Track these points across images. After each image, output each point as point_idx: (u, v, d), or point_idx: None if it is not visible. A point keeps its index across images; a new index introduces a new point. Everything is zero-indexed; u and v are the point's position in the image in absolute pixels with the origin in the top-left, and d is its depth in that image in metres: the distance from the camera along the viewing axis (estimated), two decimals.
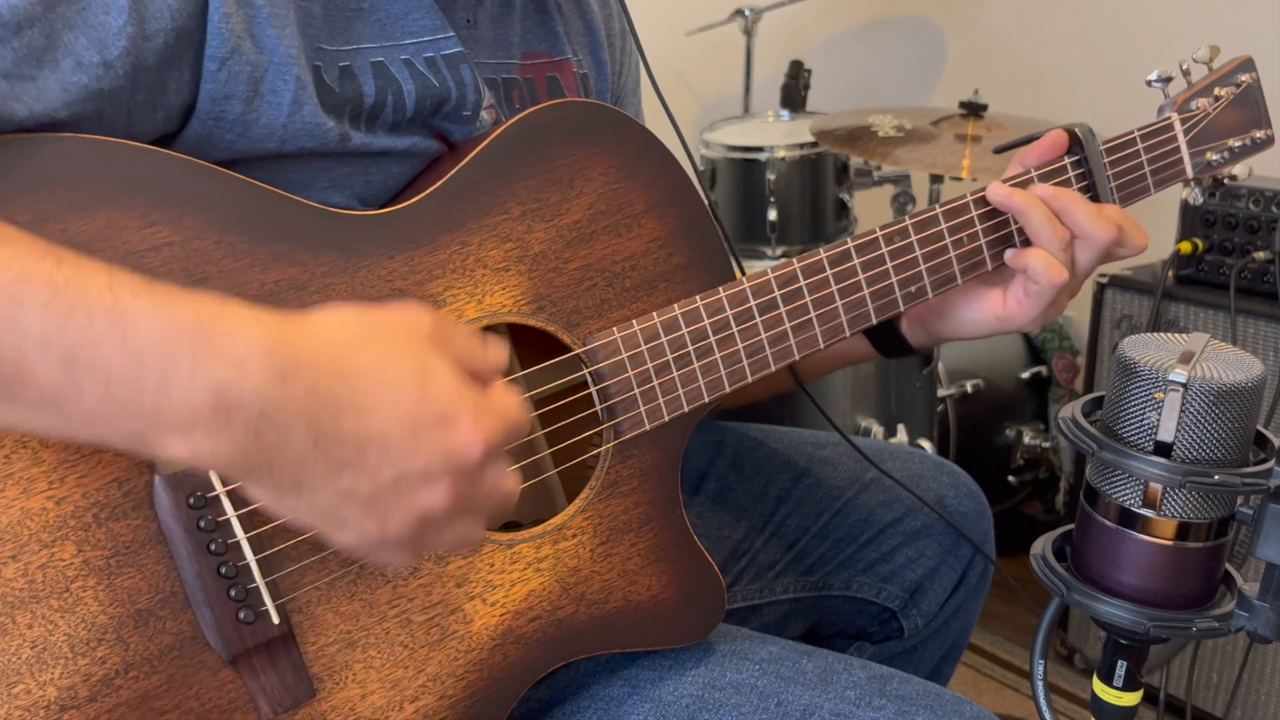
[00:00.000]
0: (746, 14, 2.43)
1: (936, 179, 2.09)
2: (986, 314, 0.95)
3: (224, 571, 0.67)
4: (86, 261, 0.57)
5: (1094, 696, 0.77)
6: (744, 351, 0.85)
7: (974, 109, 1.98)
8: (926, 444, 1.90)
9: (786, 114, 2.31)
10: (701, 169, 2.15)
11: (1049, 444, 2.22)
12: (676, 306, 0.83)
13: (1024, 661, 2.03)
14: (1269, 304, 1.64)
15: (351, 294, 0.72)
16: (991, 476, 2.23)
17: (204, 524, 0.66)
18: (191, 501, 0.66)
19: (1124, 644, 0.75)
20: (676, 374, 0.83)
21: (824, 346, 0.88)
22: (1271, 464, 0.67)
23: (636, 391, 0.82)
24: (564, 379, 0.83)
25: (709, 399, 0.84)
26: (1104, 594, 0.72)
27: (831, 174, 2.09)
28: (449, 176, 0.76)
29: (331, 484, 0.59)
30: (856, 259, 0.89)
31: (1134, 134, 0.99)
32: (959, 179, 1.84)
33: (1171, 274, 1.76)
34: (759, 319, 0.86)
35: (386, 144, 0.79)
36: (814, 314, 0.88)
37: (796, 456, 1.18)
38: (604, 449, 0.82)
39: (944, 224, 0.92)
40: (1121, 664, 0.75)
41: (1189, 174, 1.02)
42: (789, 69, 2.42)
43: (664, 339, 0.82)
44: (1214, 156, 1.03)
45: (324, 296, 0.71)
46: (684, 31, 2.46)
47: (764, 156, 2.05)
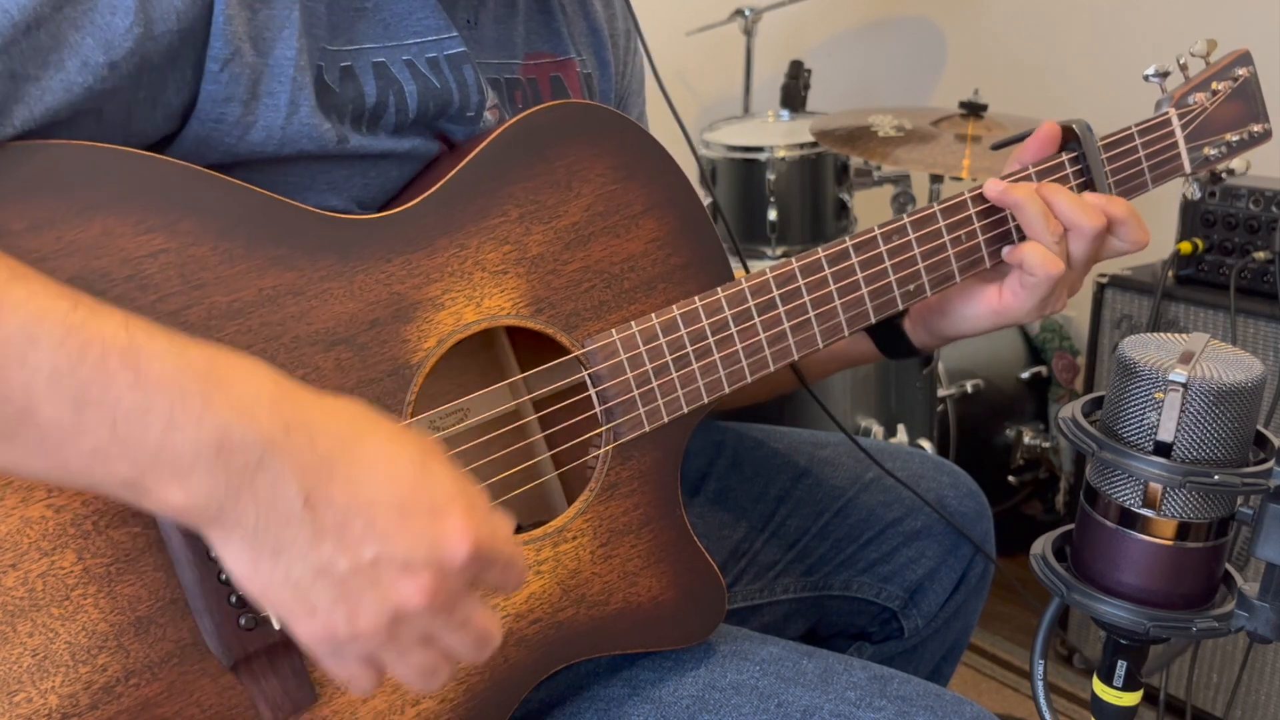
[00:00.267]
0: (746, 14, 2.43)
1: (936, 179, 2.09)
2: (984, 308, 0.95)
3: (224, 578, 0.67)
4: (102, 304, 0.58)
5: (1094, 696, 0.77)
6: (743, 352, 0.85)
7: (974, 109, 1.98)
8: (926, 444, 1.90)
9: (786, 114, 2.31)
10: (703, 168, 2.15)
11: (1049, 444, 2.22)
12: (675, 308, 0.83)
13: (1024, 661, 2.03)
14: (1269, 304, 1.64)
15: (349, 297, 0.72)
16: (991, 476, 2.23)
17: None
18: None
19: (1124, 644, 0.75)
20: (675, 375, 0.83)
21: (823, 346, 0.88)
22: (1271, 464, 0.67)
23: (636, 393, 0.82)
24: (563, 381, 0.83)
25: (708, 400, 0.84)
26: (1104, 594, 0.72)
27: (831, 174, 2.09)
28: (447, 179, 0.76)
29: (311, 554, 0.58)
30: (855, 258, 0.89)
31: (1131, 130, 0.99)
32: (959, 179, 1.84)
33: (1171, 274, 1.75)
34: (757, 319, 0.85)
35: (387, 146, 0.78)
36: (812, 314, 0.87)
37: (796, 457, 1.18)
38: (603, 451, 0.82)
39: (942, 222, 0.92)
40: (1121, 664, 0.75)
41: (1187, 169, 1.02)
42: (789, 69, 2.41)
43: (663, 340, 0.82)
44: (1212, 151, 1.02)
45: (321, 300, 0.71)
46: (684, 31, 2.46)
47: (764, 156, 2.05)
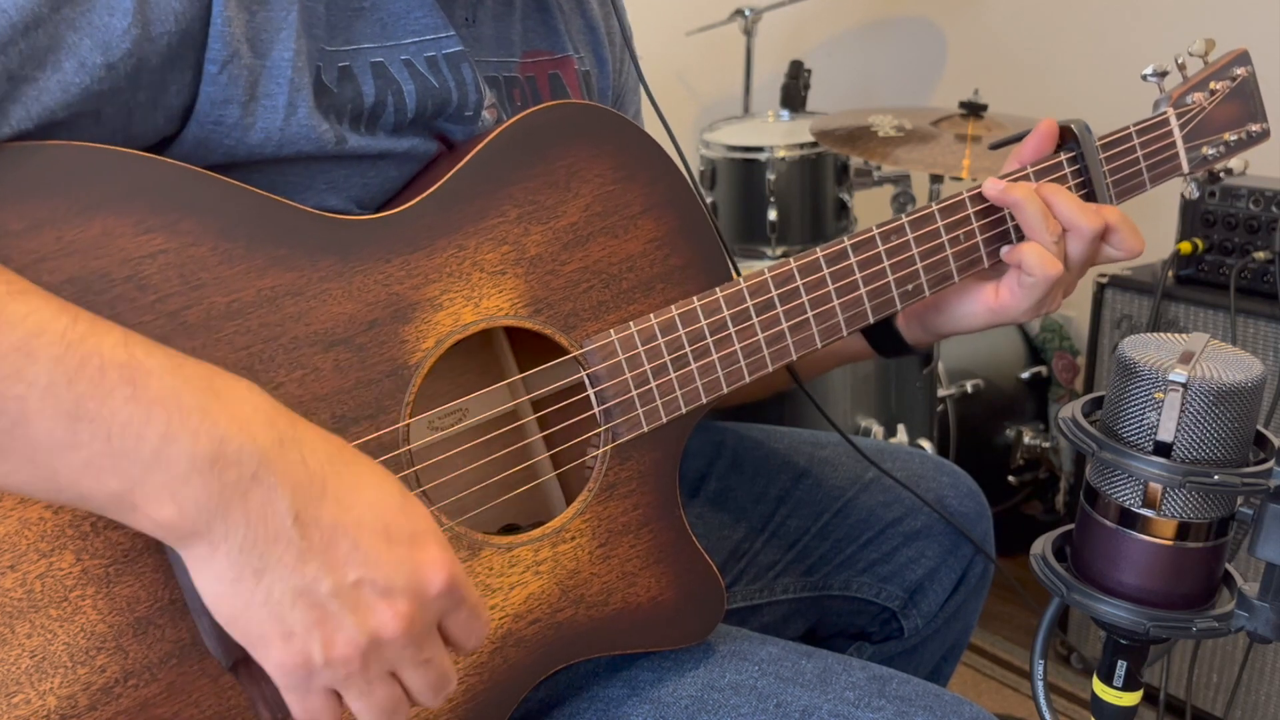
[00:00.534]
0: (746, 14, 2.43)
1: (936, 179, 2.09)
2: (980, 307, 0.95)
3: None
4: (101, 321, 0.59)
5: (1094, 696, 0.77)
6: (741, 352, 0.85)
7: (974, 109, 1.98)
8: (926, 444, 1.90)
9: (786, 114, 2.31)
10: (701, 169, 2.15)
11: (1049, 444, 2.22)
12: (674, 308, 0.83)
13: (1024, 661, 2.03)
14: (1269, 304, 1.64)
15: (348, 298, 0.72)
16: (991, 476, 2.23)
17: None
18: None
19: (1124, 644, 0.74)
20: (674, 375, 0.83)
21: (821, 346, 0.88)
22: (1271, 464, 0.67)
23: (634, 393, 0.82)
24: (562, 381, 0.83)
25: (707, 400, 0.84)
26: (1104, 594, 0.72)
27: (831, 174, 2.09)
28: (446, 179, 0.76)
29: (295, 574, 0.59)
30: (853, 258, 0.88)
31: (1130, 129, 0.99)
32: (959, 179, 1.84)
33: (1171, 274, 1.75)
34: (756, 319, 0.85)
35: (386, 146, 0.78)
36: (811, 314, 0.87)
37: (796, 457, 1.18)
38: (602, 451, 0.82)
39: (940, 221, 0.92)
40: (1121, 664, 0.75)
41: (1185, 169, 1.02)
42: (789, 69, 2.42)
43: (661, 340, 0.82)
44: (1210, 151, 1.02)
45: (320, 301, 0.71)
46: (684, 31, 2.46)
47: (764, 156, 2.05)
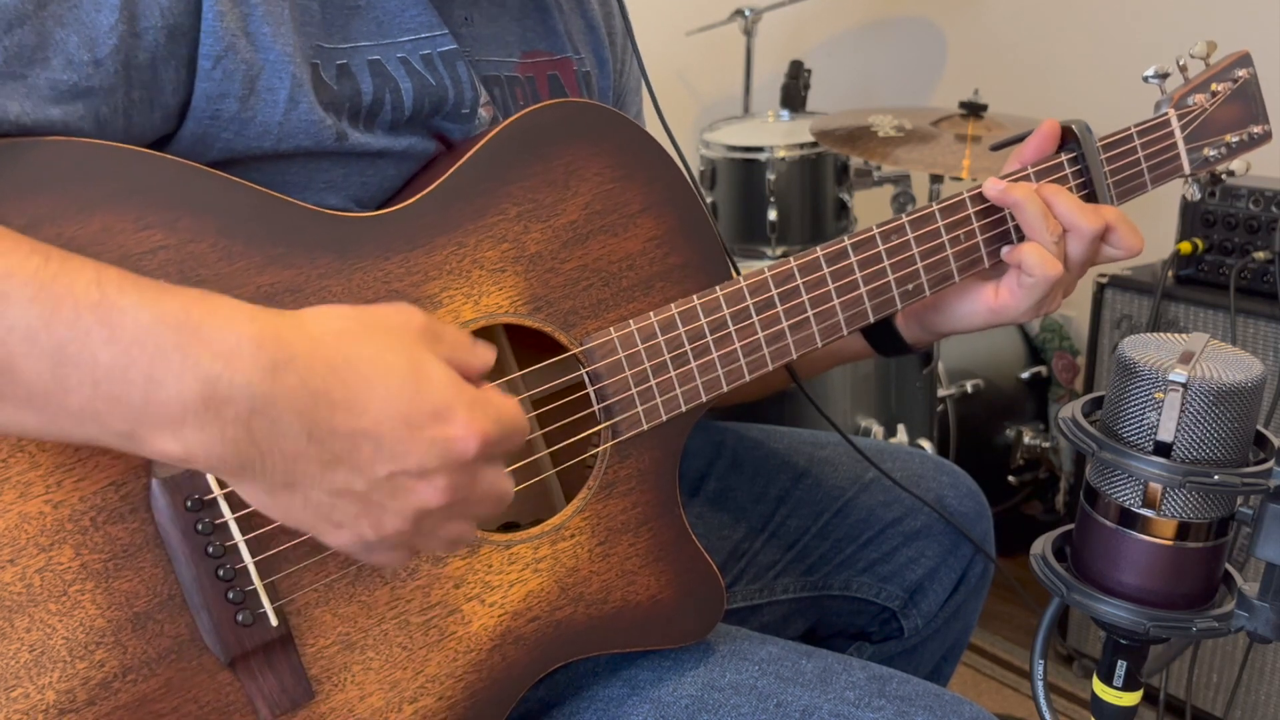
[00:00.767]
0: (746, 14, 2.43)
1: (936, 179, 2.09)
2: (980, 306, 0.95)
3: (222, 574, 0.67)
4: (74, 258, 0.57)
5: (1094, 696, 0.77)
6: (741, 351, 0.85)
7: (974, 109, 1.98)
8: (926, 444, 1.89)
9: (786, 114, 2.31)
10: (701, 169, 2.15)
11: (1049, 444, 2.22)
12: (673, 306, 0.83)
13: (1024, 661, 2.03)
14: (1269, 304, 1.64)
15: (348, 296, 0.72)
16: (991, 476, 2.23)
17: (202, 526, 0.66)
18: (189, 504, 0.66)
19: (1124, 644, 0.74)
20: (674, 374, 0.83)
21: (821, 345, 0.88)
22: (1271, 464, 0.67)
23: (634, 391, 0.82)
24: (561, 379, 0.83)
25: (706, 399, 0.84)
26: (1104, 594, 0.72)
27: (831, 174, 2.09)
28: (445, 177, 0.76)
29: (325, 481, 0.59)
30: (853, 257, 0.88)
31: (1131, 130, 0.99)
32: (959, 179, 1.84)
33: (1171, 274, 1.75)
34: (756, 318, 0.85)
35: (384, 144, 0.78)
36: (811, 313, 0.87)
37: (796, 457, 1.18)
38: (602, 449, 0.82)
39: (941, 221, 0.92)
40: (1121, 664, 0.75)
41: (1186, 170, 1.02)
42: (789, 69, 2.41)
43: (661, 339, 0.82)
44: (1211, 152, 1.02)
45: (320, 299, 0.71)
46: (684, 31, 2.46)
47: (764, 156, 2.05)
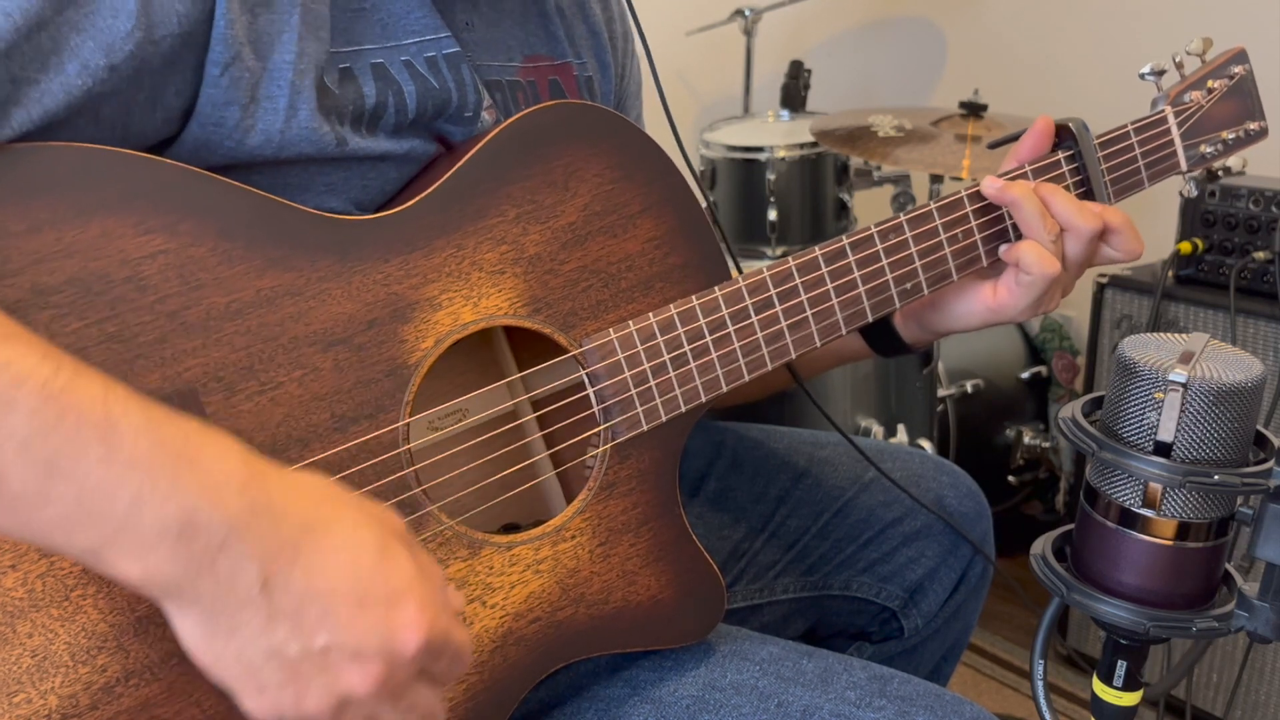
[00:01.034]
0: (746, 14, 2.43)
1: (936, 179, 2.09)
2: (978, 305, 0.95)
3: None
4: (84, 370, 0.57)
5: (1094, 696, 0.77)
6: (740, 351, 0.85)
7: (974, 109, 1.98)
8: (926, 444, 1.89)
9: (786, 114, 2.31)
10: (701, 169, 2.15)
11: (1049, 444, 2.22)
12: (673, 307, 0.83)
13: (1024, 661, 2.03)
14: (1269, 304, 1.64)
15: (347, 298, 0.72)
16: (991, 476, 2.23)
17: None
18: None
19: (1124, 644, 0.74)
20: (673, 374, 0.83)
21: (820, 345, 0.88)
22: (1271, 464, 0.67)
23: (633, 392, 0.82)
24: (561, 381, 0.83)
25: (706, 399, 0.84)
26: (1104, 594, 0.72)
27: (831, 174, 2.09)
28: (444, 179, 0.76)
29: (263, 637, 0.58)
30: (852, 256, 0.88)
31: (1127, 128, 0.99)
32: (959, 179, 1.84)
33: (1171, 274, 1.75)
34: (755, 318, 0.85)
35: (386, 148, 0.78)
36: (810, 312, 0.87)
37: (796, 457, 1.18)
38: (601, 450, 0.82)
39: (939, 220, 0.92)
40: (1121, 664, 0.75)
41: (1183, 167, 1.02)
42: (789, 69, 2.41)
43: (660, 339, 0.82)
44: (1208, 149, 1.02)
45: (319, 301, 0.71)
46: (684, 31, 2.46)
47: (764, 156, 2.05)
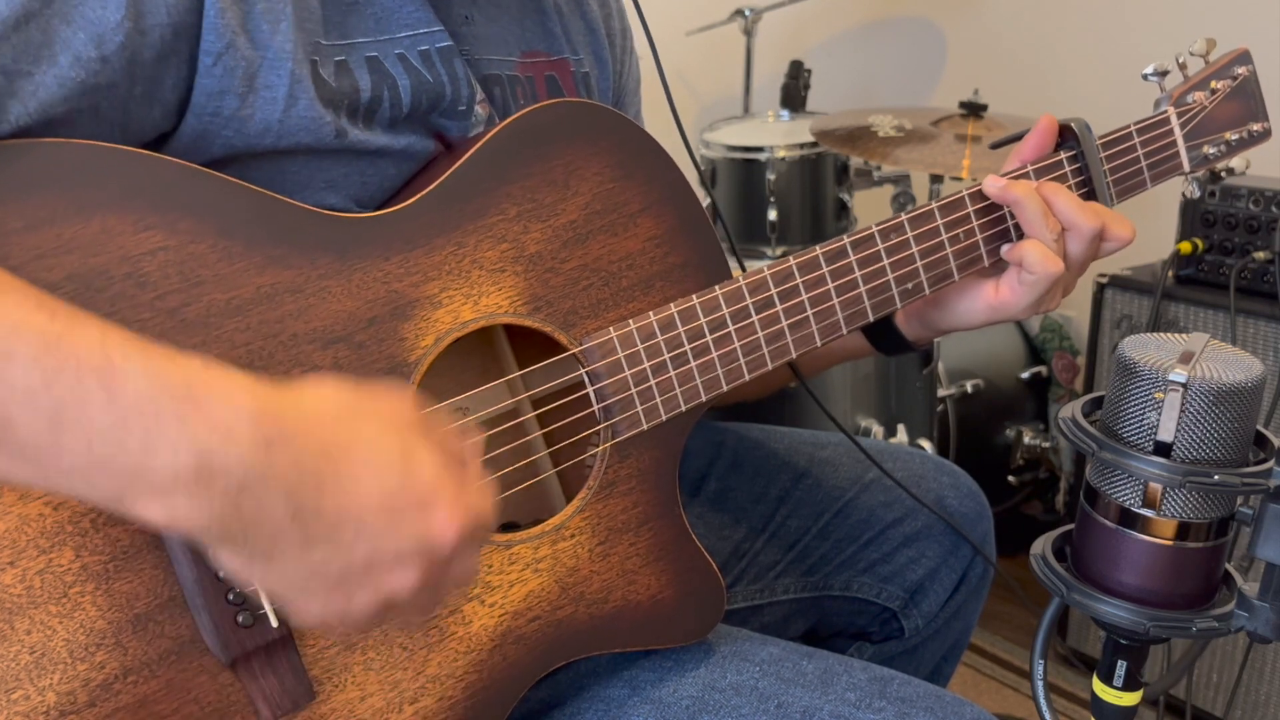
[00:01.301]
0: (746, 14, 2.43)
1: (936, 179, 2.09)
2: (980, 304, 0.95)
3: (222, 575, 0.67)
4: (80, 316, 0.57)
5: (1094, 696, 0.77)
6: (741, 350, 0.85)
7: (974, 109, 1.98)
8: (926, 444, 1.89)
9: (786, 114, 2.31)
10: (701, 169, 2.15)
11: (1049, 444, 2.22)
12: (673, 305, 0.83)
13: (1024, 661, 2.03)
14: (1269, 304, 1.64)
15: (347, 296, 0.72)
16: (991, 476, 2.23)
17: None
18: None
19: (1124, 644, 0.74)
20: (673, 373, 0.83)
21: (820, 344, 0.88)
22: (1271, 464, 0.67)
23: (633, 391, 0.82)
24: (561, 379, 0.83)
25: (706, 398, 0.84)
26: (1104, 594, 0.72)
27: (831, 174, 2.09)
28: (445, 177, 0.76)
29: (304, 559, 0.58)
30: (853, 256, 0.88)
31: (1130, 128, 0.99)
32: (959, 179, 1.84)
33: (1171, 274, 1.75)
34: (755, 317, 0.85)
35: (383, 142, 0.78)
36: (810, 312, 0.87)
37: (797, 457, 1.18)
38: (601, 449, 0.82)
39: (940, 220, 0.92)
40: (1121, 664, 0.75)
41: (1186, 168, 1.02)
42: (789, 69, 2.41)
43: (660, 338, 0.82)
44: (1211, 150, 1.02)
45: (319, 298, 0.71)
46: (684, 31, 2.46)
47: (764, 156, 2.05)
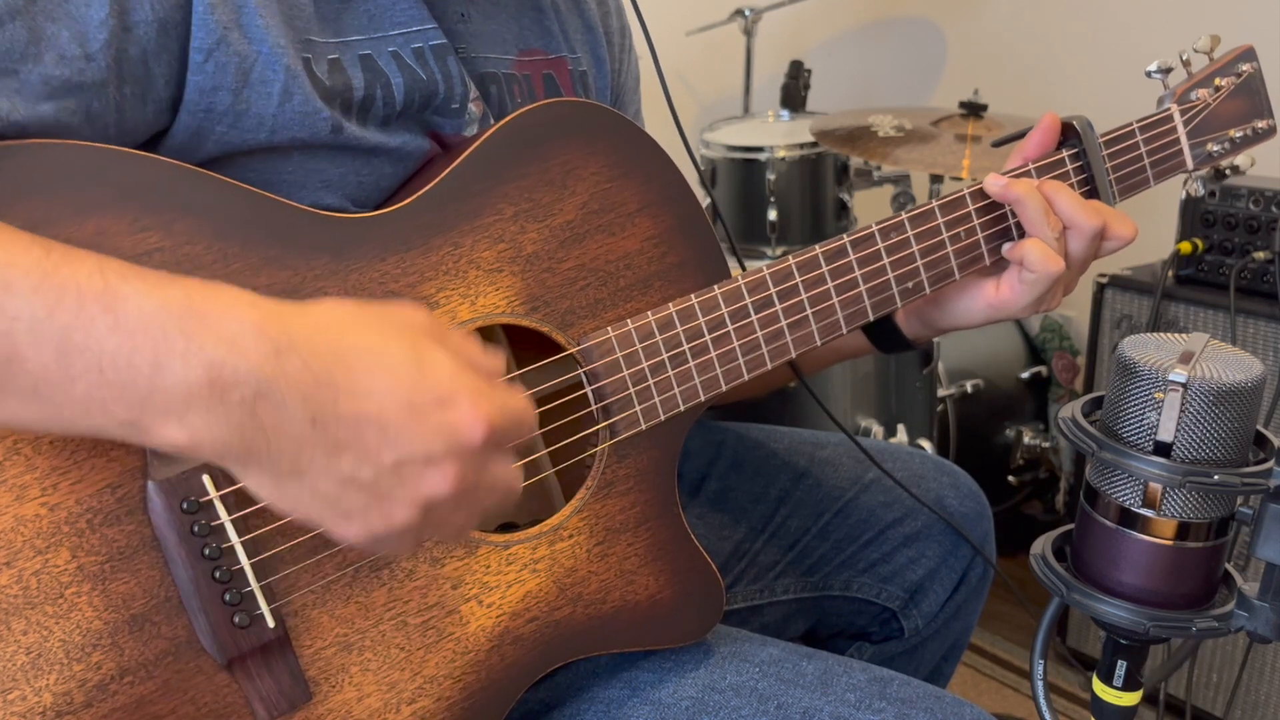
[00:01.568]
0: (746, 14, 2.43)
1: (936, 179, 2.09)
2: (981, 302, 0.95)
3: (219, 576, 0.67)
4: (74, 249, 0.57)
5: (1094, 696, 0.77)
6: (740, 350, 0.85)
7: (974, 109, 1.98)
8: (926, 444, 1.89)
9: (786, 114, 2.31)
10: (701, 169, 2.15)
11: (1049, 444, 2.22)
12: (671, 305, 0.82)
13: (1024, 661, 2.03)
14: (1269, 304, 1.64)
15: (344, 297, 0.72)
16: (991, 476, 2.22)
17: (198, 528, 0.66)
18: (185, 506, 0.66)
19: (1124, 644, 0.74)
20: (672, 373, 0.83)
21: (820, 344, 0.88)
22: (1271, 464, 0.67)
23: (632, 391, 0.81)
24: (559, 379, 0.83)
25: (705, 398, 0.84)
26: (1104, 594, 0.72)
27: (831, 174, 2.09)
28: (441, 178, 0.76)
29: (332, 469, 0.58)
30: (853, 255, 0.88)
31: (1133, 126, 0.99)
32: (959, 179, 1.84)
33: (1171, 274, 1.75)
34: (755, 317, 0.85)
35: (378, 140, 0.78)
36: (810, 311, 0.87)
37: (797, 457, 1.18)
38: (600, 449, 0.82)
39: (941, 219, 0.91)
40: (1121, 664, 0.74)
41: (1189, 165, 1.01)
42: (789, 69, 2.41)
43: (659, 338, 0.82)
44: (1215, 147, 1.02)
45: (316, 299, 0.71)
46: (684, 31, 2.46)
47: (764, 156, 2.05)
